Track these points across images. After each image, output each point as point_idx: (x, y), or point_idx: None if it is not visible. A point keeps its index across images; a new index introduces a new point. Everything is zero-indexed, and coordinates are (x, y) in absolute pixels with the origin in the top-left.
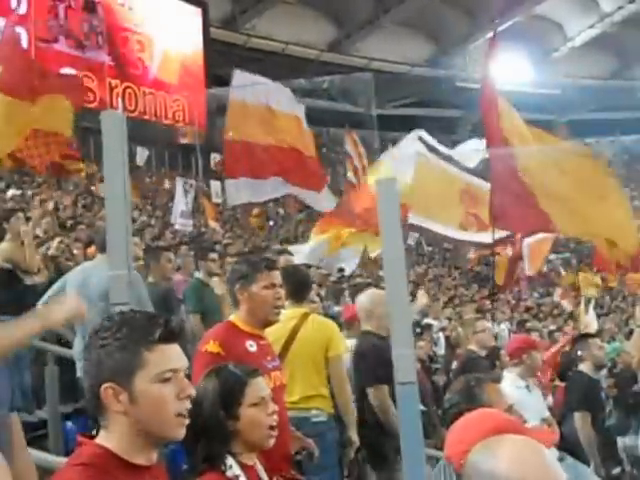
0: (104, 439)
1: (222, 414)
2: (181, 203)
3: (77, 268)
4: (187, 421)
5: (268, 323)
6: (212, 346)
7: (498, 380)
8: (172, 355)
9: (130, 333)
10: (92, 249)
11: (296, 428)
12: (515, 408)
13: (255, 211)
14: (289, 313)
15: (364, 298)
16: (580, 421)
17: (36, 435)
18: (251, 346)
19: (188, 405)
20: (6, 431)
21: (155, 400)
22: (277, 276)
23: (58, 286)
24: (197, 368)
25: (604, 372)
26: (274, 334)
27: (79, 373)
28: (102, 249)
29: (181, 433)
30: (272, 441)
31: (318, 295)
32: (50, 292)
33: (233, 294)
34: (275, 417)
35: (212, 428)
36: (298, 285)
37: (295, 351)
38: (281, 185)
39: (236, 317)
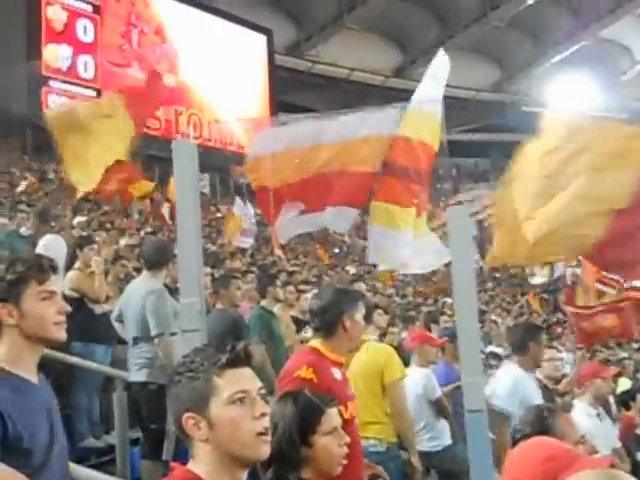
0: (193, 466)
1: (297, 440)
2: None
3: (127, 287)
4: (269, 438)
5: (349, 351)
6: (306, 372)
7: (568, 410)
8: (242, 377)
9: (200, 363)
10: None
11: None
12: (587, 438)
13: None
14: None
15: None
16: None
17: (103, 460)
18: (336, 374)
19: (266, 423)
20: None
21: (231, 422)
22: None
23: (118, 308)
24: None
25: None
26: None
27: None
28: (149, 266)
29: (264, 452)
30: (340, 469)
31: (389, 325)
32: (114, 316)
33: (332, 322)
34: (346, 448)
35: (285, 452)
36: None
37: (349, 378)
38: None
39: (319, 343)
